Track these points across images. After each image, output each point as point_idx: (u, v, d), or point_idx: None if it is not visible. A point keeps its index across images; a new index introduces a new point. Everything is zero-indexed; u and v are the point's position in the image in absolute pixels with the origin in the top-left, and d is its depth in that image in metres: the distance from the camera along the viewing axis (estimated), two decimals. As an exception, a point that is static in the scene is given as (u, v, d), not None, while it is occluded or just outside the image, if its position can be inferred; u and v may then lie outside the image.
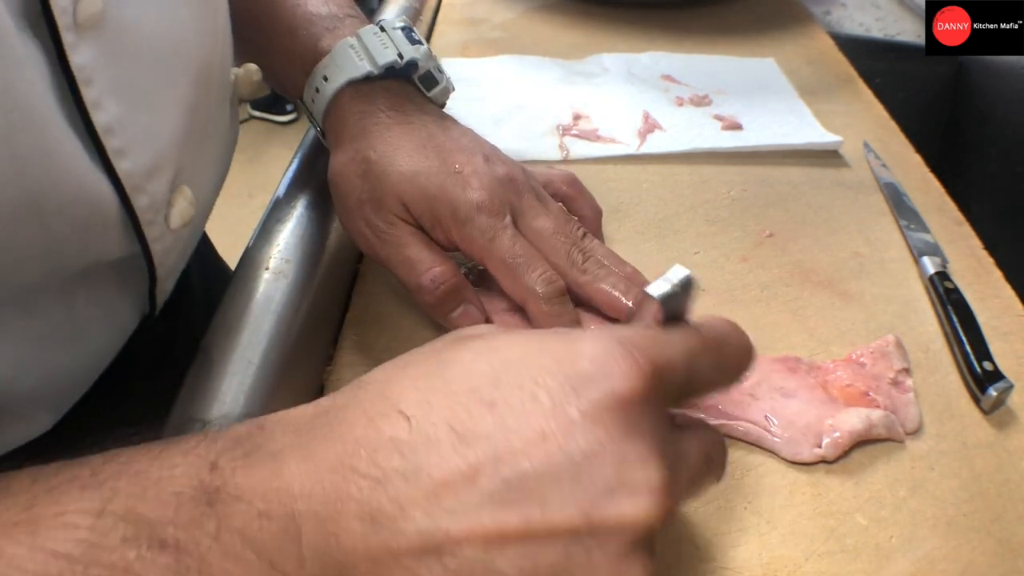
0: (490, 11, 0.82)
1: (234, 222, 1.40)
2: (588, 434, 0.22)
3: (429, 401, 0.23)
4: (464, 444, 0.22)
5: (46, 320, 0.34)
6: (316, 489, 0.22)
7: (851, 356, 0.42)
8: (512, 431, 0.22)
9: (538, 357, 0.24)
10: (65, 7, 0.28)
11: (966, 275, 0.48)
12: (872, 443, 0.38)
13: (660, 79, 0.70)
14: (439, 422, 0.23)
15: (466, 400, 0.23)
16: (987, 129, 0.77)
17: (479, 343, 0.25)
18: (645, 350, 0.24)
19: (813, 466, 0.37)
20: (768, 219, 0.54)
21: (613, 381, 0.23)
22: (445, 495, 0.22)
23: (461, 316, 0.42)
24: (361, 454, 0.23)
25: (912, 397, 0.40)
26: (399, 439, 0.23)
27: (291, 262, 0.44)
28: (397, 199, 0.41)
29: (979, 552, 0.34)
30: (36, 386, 0.35)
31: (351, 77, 0.44)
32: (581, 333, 0.25)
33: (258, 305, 0.41)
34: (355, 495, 0.22)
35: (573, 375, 0.23)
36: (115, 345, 0.40)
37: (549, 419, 0.23)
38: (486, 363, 0.24)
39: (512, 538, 0.22)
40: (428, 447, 0.22)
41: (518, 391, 0.23)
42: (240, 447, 0.23)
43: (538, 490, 0.22)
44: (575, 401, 0.23)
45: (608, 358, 0.23)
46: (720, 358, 0.27)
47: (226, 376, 0.37)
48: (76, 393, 0.38)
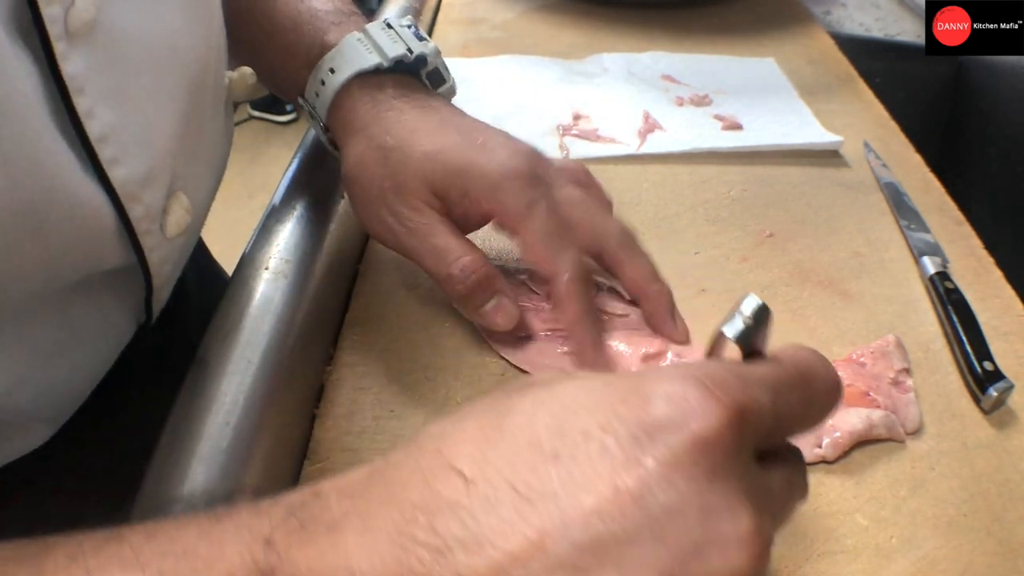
0: (490, 11, 0.82)
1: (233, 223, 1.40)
2: (668, 485, 0.20)
3: (487, 458, 0.21)
4: (528, 505, 0.20)
5: (42, 332, 0.34)
6: (376, 563, 0.20)
7: (851, 356, 0.42)
8: (580, 487, 0.20)
9: (605, 400, 0.21)
10: (56, 16, 0.28)
11: (966, 275, 0.48)
12: (872, 443, 0.38)
13: (660, 79, 0.70)
14: (499, 482, 0.20)
15: (527, 454, 0.21)
16: (987, 129, 0.77)
17: (541, 391, 0.23)
18: (727, 387, 0.21)
19: (813, 466, 0.37)
20: (768, 219, 0.54)
21: (692, 423, 0.21)
22: (511, 566, 0.20)
23: (494, 310, 0.40)
24: (420, 520, 0.21)
25: (912, 397, 0.40)
26: (458, 503, 0.20)
27: (291, 262, 0.44)
28: (422, 181, 0.40)
29: (979, 552, 0.34)
30: (33, 398, 0.35)
31: (360, 68, 0.43)
32: (653, 372, 0.23)
33: (258, 305, 0.41)
34: (416, 569, 0.20)
35: (647, 419, 0.21)
36: (111, 355, 0.40)
37: (621, 471, 0.20)
38: (547, 411, 0.22)
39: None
40: (489, 511, 0.20)
41: (584, 441, 0.21)
42: (295, 517, 0.22)
43: (615, 553, 0.19)
44: (650, 448, 0.20)
45: (685, 398, 0.21)
46: (808, 394, 0.24)
47: (226, 376, 0.37)
48: (73, 404, 0.38)
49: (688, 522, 0.20)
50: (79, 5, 0.28)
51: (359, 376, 0.42)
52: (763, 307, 0.24)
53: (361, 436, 0.39)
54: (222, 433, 0.34)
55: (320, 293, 0.44)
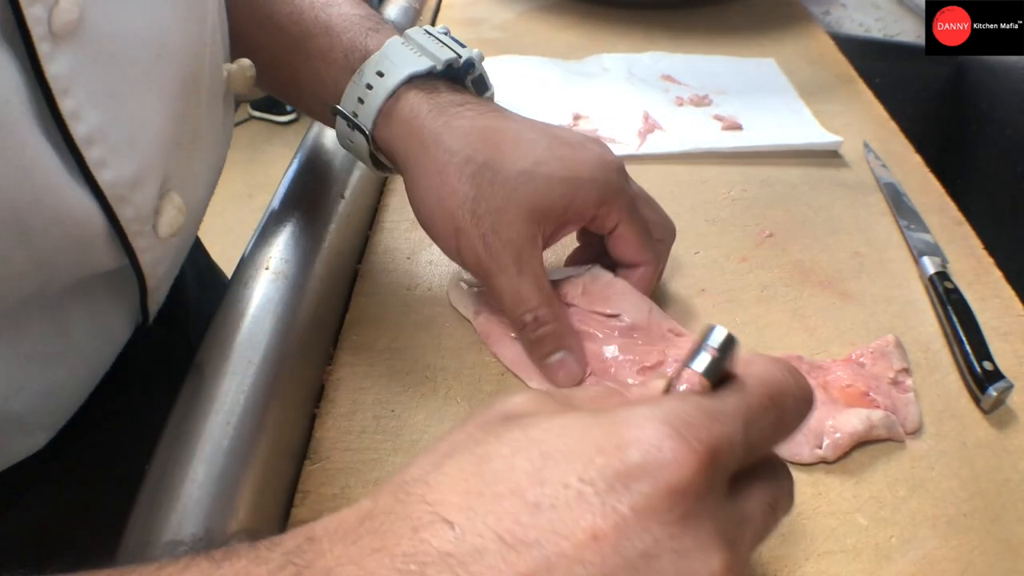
0: (490, 11, 0.82)
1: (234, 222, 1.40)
2: (643, 532, 0.21)
3: (472, 507, 0.22)
4: (514, 553, 0.21)
5: (37, 337, 0.33)
6: None
7: (851, 356, 0.42)
8: (561, 535, 0.21)
9: (581, 449, 0.22)
10: (39, 16, 0.27)
11: (966, 275, 0.48)
12: (872, 443, 0.38)
13: (660, 79, 0.70)
14: (485, 531, 0.21)
15: (510, 503, 0.22)
16: (987, 129, 0.77)
17: (517, 433, 0.24)
18: (698, 430, 0.22)
19: (813, 466, 0.37)
20: (768, 219, 0.54)
21: (666, 472, 0.22)
22: None
23: (557, 364, 0.40)
24: (412, 569, 0.21)
25: (912, 397, 0.40)
26: (448, 553, 0.21)
27: (291, 262, 0.44)
28: (520, 205, 0.39)
29: (979, 552, 0.34)
30: (31, 403, 0.35)
31: (414, 70, 0.41)
32: (626, 416, 0.23)
33: (258, 305, 0.41)
34: None
35: (622, 468, 0.22)
36: (108, 357, 0.39)
37: (599, 519, 0.21)
38: (526, 459, 0.23)
39: None
40: (477, 559, 0.21)
41: (563, 490, 0.22)
42: (292, 565, 0.22)
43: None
44: (627, 497, 0.21)
45: (658, 446, 0.22)
46: (779, 416, 0.25)
47: (226, 376, 0.37)
48: (71, 408, 0.38)
49: (662, 565, 0.21)
50: (63, 5, 0.28)
51: (359, 376, 0.42)
52: (730, 338, 0.25)
53: (361, 436, 0.39)
54: (222, 433, 0.34)
55: (320, 293, 0.44)
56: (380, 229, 0.53)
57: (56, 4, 0.28)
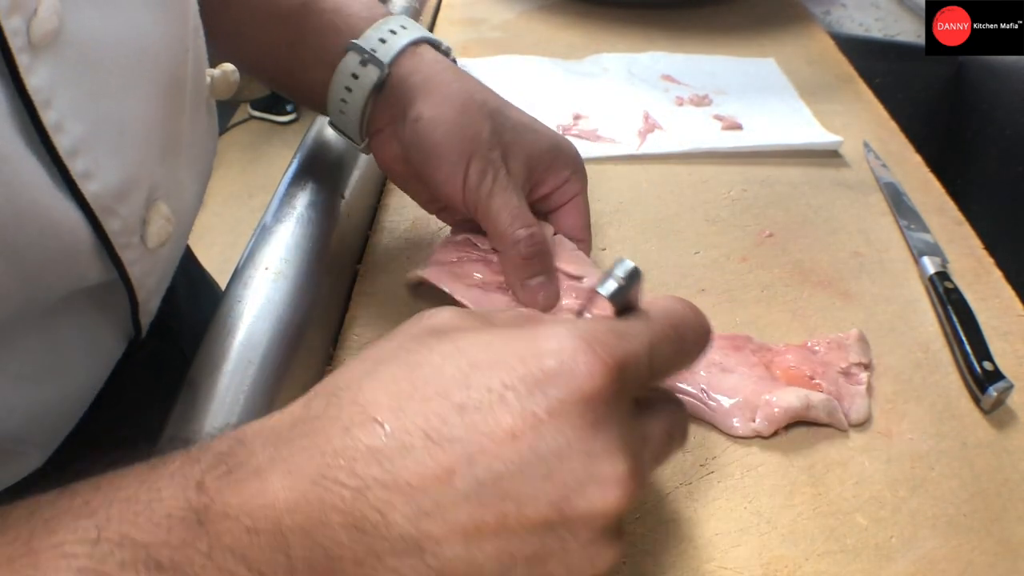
0: (490, 11, 0.82)
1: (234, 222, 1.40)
2: (556, 433, 0.23)
3: (402, 407, 0.24)
4: (438, 448, 0.23)
5: (28, 354, 0.33)
6: (300, 502, 0.23)
7: (806, 343, 0.43)
8: (483, 433, 0.23)
9: (504, 358, 0.25)
10: (18, 28, 0.26)
11: (966, 275, 0.48)
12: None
13: (660, 79, 0.70)
14: (412, 428, 0.23)
15: (437, 405, 0.24)
16: (987, 129, 0.77)
17: (447, 345, 0.26)
18: (607, 345, 0.25)
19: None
20: (768, 219, 0.54)
21: (578, 380, 0.24)
22: (423, 498, 0.23)
23: (539, 286, 0.42)
24: (341, 464, 0.23)
25: (863, 391, 0.40)
26: (376, 447, 0.23)
27: (291, 262, 0.44)
28: (523, 150, 0.43)
29: (979, 552, 0.34)
30: (23, 423, 0.34)
31: (424, 35, 0.45)
32: (544, 330, 0.25)
33: (258, 305, 0.41)
34: (338, 505, 0.23)
35: (539, 375, 0.24)
36: (101, 373, 0.38)
37: (518, 419, 0.23)
38: (454, 366, 0.25)
39: (489, 534, 0.23)
40: (404, 453, 0.23)
41: (487, 393, 0.24)
42: (223, 464, 0.24)
43: (512, 488, 0.23)
44: (543, 401, 0.24)
45: (572, 357, 0.24)
46: (680, 343, 0.27)
47: (226, 376, 0.37)
48: (66, 426, 0.37)
49: (572, 464, 0.23)
50: (41, 15, 0.27)
51: (359, 376, 0.42)
52: (634, 269, 0.27)
53: (361, 436, 0.39)
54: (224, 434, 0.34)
55: (320, 293, 0.44)
56: (380, 229, 0.53)
57: (35, 14, 0.27)
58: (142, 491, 0.23)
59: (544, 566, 0.24)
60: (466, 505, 0.23)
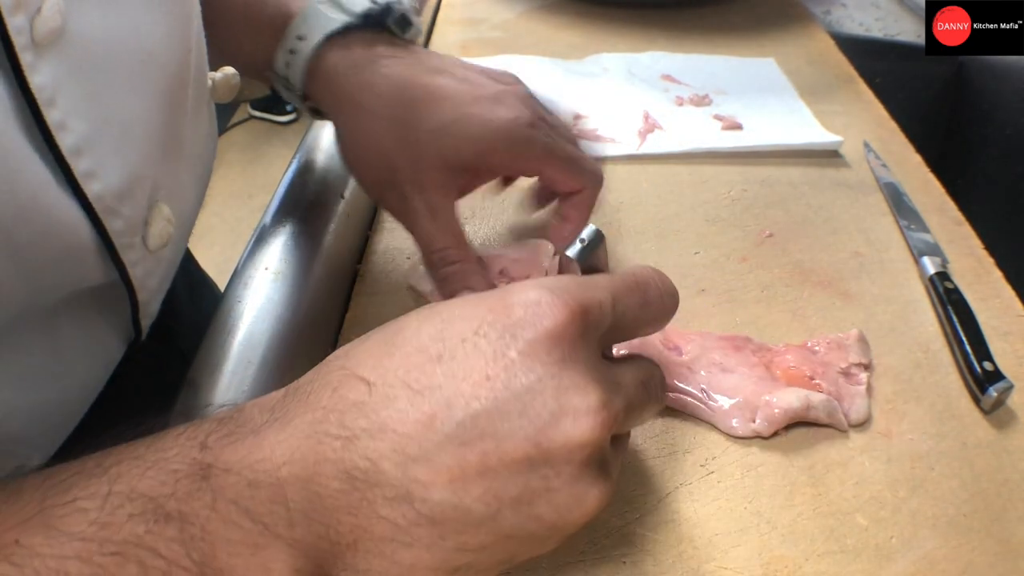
0: (490, 11, 0.82)
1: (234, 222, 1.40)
2: (528, 371, 0.25)
3: (383, 365, 0.26)
4: (419, 396, 0.25)
5: (28, 357, 0.33)
6: (295, 455, 0.24)
7: (806, 343, 0.43)
8: (460, 379, 0.25)
9: (476, 312, 0.26)
10: (21, 26, 0.26)
11: (966, 275, 0.48)
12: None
13: (660, 79, 0.70)
14: (395, 382, 0.25)
15: (416, 358, 0.26)
16: (987, 129, 0.77)
17: (426, 311, 0.28)
18: (570, 291, 0.27)
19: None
20: (768, 219, 0.54)
21: (545, 321, 0.26)
22: (408, 444, 0.24)
23: None
24: (331, 419, 0.25)
25: (863, 391, 0.40)
26: (362, 401, 0.25)
27: (291, 262, 0.44)
28: (436, 157, 0.41)
29: (979, 552, 0.34)
30: (24, 426, 0.34)
31: (329, 30, 0.43)
32: (512, 287, 0.27)
33: (258, 305, 0.41)
34: (330, 456, 0.24)
35: (509, 322, 0.26)
36: (102, 375, 0.38)
37: (491, 363, 0.25)
38: (430, 324, 0.27)
39: (473, 475, 0.24)
40: (388, 404, 0.25)
41: (461, 344, 0.26)
42: (224, 427, 0.26)
43: (490, 426, 0.24)
44: (513, 344, 0.25)
45: (538, 302, 0.26)
46: (643, 298, 0.29)
47: (226, 376, 0.37)
48: (66, 429, 0.37)
49: (545, 398, 0.25)
50: (45, 13, 0.27)
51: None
52: (596, 231, 0.31)
53: (361, 436, 0.39)
54: (225, 411, 0.34)
55: (320, 293, 0.44)
56: (380, 229, 0.53)
57: (38, 13, 0.27)
58: (150, 451, 0.25)
59: (531, 507, 0.25)
60: (449, 447, 0.24)
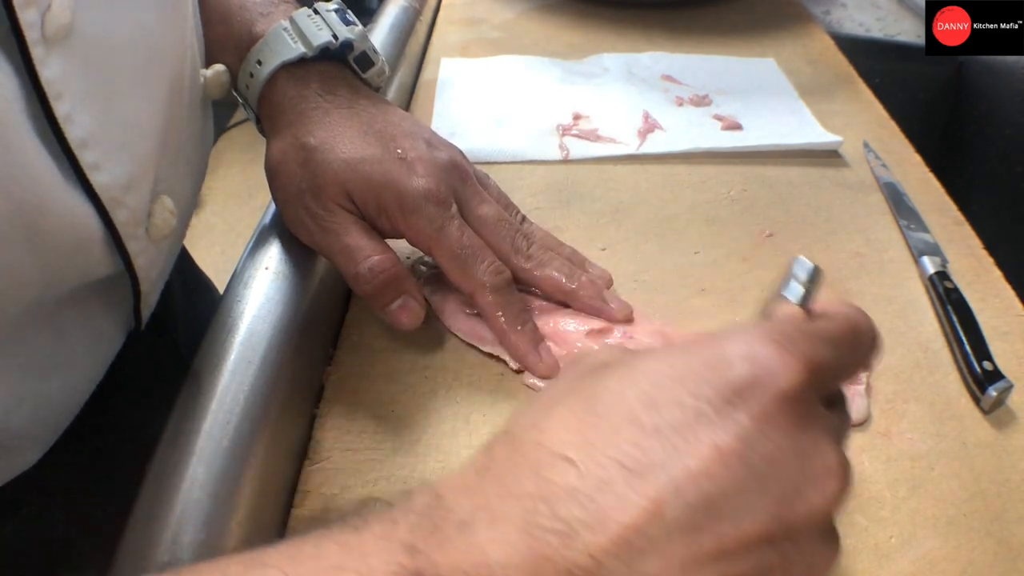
0: (490, 11, 0.82)
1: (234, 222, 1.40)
2: (764, 439, 0.22)
3: (590, 441, 0.22)
4: (639, 479, 0.21)
5: (34, 347, 0.33)
6: (512, 555, 0.22)
7: None
8: (685, 454, 0.21)
9: (690, 370, 0.23)
10: (33, 21, 0.27)
11: (966, 275, 0.48)
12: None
13: (660, 79, 0.70)
14: (606, 461, 0.22)
15: (628, 432, 0.22)
16: (987, 129, 0.77)
17: (621, 369, 0.24)
18: (798, 343, 0.23)
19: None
20: (768, 219, 0.54)
21: (776, 379, 0.22)
22: (635, 538, 0.21)
23: (399, 309, 0.40)
24: (542, 510, 0.22)
25: (862, 390, 0.40)
26: (573, 487, 0.22)
27: (291, 262, 0.44)
28: (340, 187, 0.40)
29: (979, 552, 0.34)
30: (28, 416, 0.34)
31: (285, 59, 0.43)
32: (726, 337, 0.24)
33: (258, 305, 0.41)
34: (549, 554, 0.21)
35: (733, 380, 0.22)
36: (102, 365, 0.39)
37: (720, 432, 0.22)
38: (636, 388, 0.23)
39: (708, 560, 0.21)
40: (603, 490, 0.21)
41: (680, 410, 0.22)
42: (428, 520, 0.23)
43: (727, 507, 0.21)
44: (742, 407, 0.22)
45: (764, 356, 0.23)
46: (858, 344, 0.26)
47: (226, 376, 0.37)
48: (66, 419, 0.38)
49: (787, 468, 0.22)
50: (55, 9, 0.28)
51: (359, 376, 0.42)
52: (816, 269, 0.26)
53: (361, 436, 0.39)
54: (222, 433, 0.34)
55: (320, 293, 0.44)
56: (380, 229, 0.53)
57: (49, 8, 0.28)
58: (348, 560, 0.22)
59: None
60: (680, 535, 0.21)
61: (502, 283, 0.41)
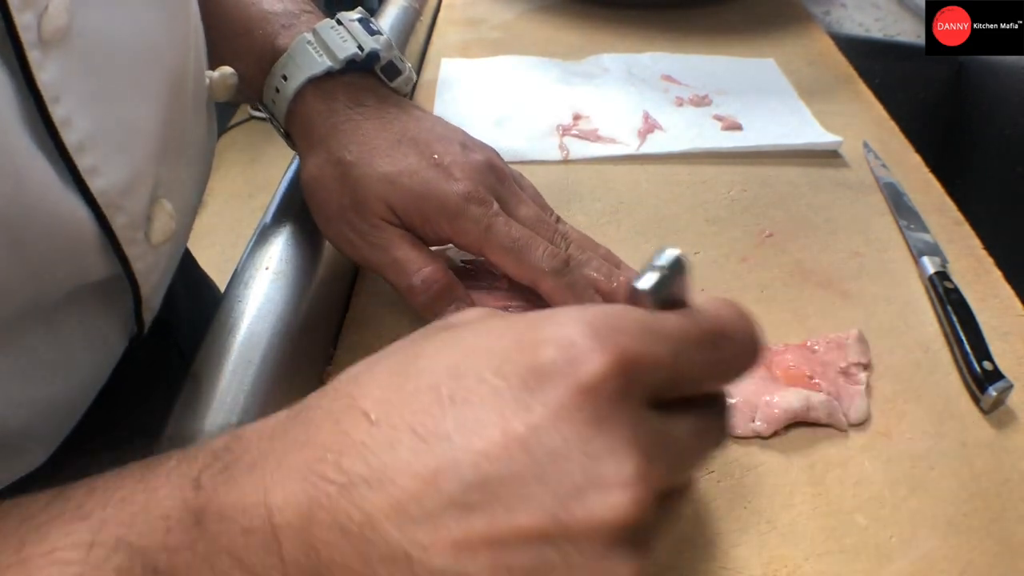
0: (490, 11, 0.82)
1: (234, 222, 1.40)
2: (553, 432, 0.21)
3: (391, 400, 0.22)
4: (424, 447, 0.21)
5: (34, 351, 0.33)
6: (290, 500, 0.22)
7: (806, 343, 0.43)
8: (473, 431, 0.21)
9: (501, 345, 0.22)
10: (29, 23, 0.27)
11: (966, 275, 0.48)
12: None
13: (660, 79, 0.70)
14: (400, 423, 0.22)
15: (426, 398, 0.22)
16: (987, 129, 0.77)
17: (449, 333, 0.24)
18: (621, 335, 0.22)
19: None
20: (768, 219, 0.54)
21: (579, 370, 0.21)
22: (409, 504, 0.21)
23: None
24: (328, 459, 0.22)
25: (862, 390, 0.40)
26: (363, 443, 0.22)
27: (291, 262, 0.44)
28: (382, 202, 0.41)
29: (979, 552, 0.34)
30: (29, 419, 0.34)
31: (311, 74, 0.43)
32: (551, 314, 0.23)
33: (258, 305, 0.41)
34: (324, 504, 0.21)
35: (535, 365, 0.21)
36: (104, 369, 0.39)
37: (510, 416, 0.21)
38: (449, 356, 0.23)
39: (480, 543, 0.21)
40: (389, 451, 0.21)
41: (479, 385, 0.22)
42: (219, 461, 0.23)
43: (502, 493, 0.20)
44: (538, 394, 0.21)
45: (574, 344, 0.21)
46: (716, 354, 0.24)
47: (226, 376, 0.37)
48: (69, 423, 0.38)
49: (570, 466, 0.20)
50: (52, 11, 0.28)
51: (359, 376, 0.42)
52: (679, 258, 0.24)
53: (361, 436, 0.39)
54: (223, 432, 0.34)
55: (320, 293, 0.45)
56: (380, 229, 0.52)
57: (45, 11, 0.27)
58: (138, 491, 0.23)
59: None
60: (453, 510, 0.21)
61: (561, 265, 0.41)
